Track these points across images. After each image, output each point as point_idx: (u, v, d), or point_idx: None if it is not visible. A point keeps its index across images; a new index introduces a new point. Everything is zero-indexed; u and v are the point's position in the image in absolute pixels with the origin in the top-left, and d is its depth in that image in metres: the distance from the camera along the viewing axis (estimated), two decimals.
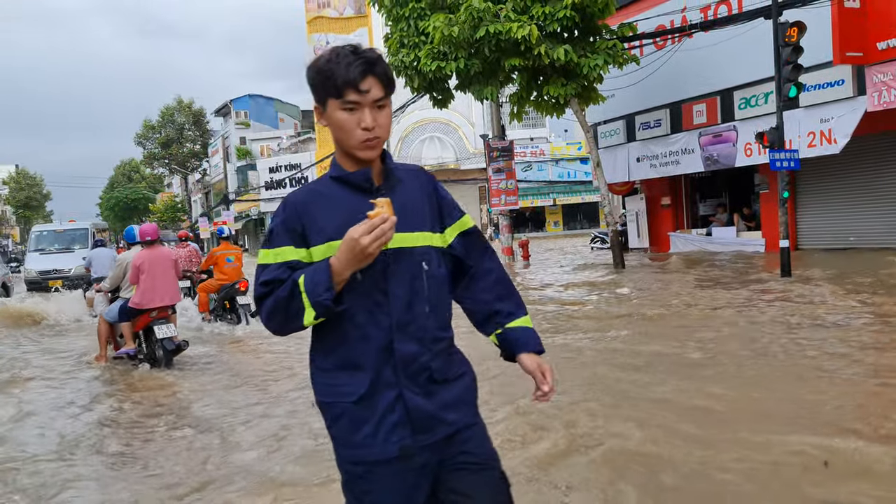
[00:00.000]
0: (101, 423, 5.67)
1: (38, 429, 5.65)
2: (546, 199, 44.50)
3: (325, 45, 45.55)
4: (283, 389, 6.45)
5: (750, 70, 15.40)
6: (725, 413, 4.74)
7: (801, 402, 4.85)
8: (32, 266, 22.52)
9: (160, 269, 7.79)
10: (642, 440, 4.22)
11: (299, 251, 1.79)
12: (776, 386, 5.35)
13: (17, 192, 77.61)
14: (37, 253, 23.36)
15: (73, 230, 24.99)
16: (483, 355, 3.50)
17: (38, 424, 5.78)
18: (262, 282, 1.80)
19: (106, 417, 5.87)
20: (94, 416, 5.91)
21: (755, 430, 4.23)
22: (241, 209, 55.84)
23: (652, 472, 3.75)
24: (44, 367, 8.38)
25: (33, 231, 26.39)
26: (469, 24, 14.29)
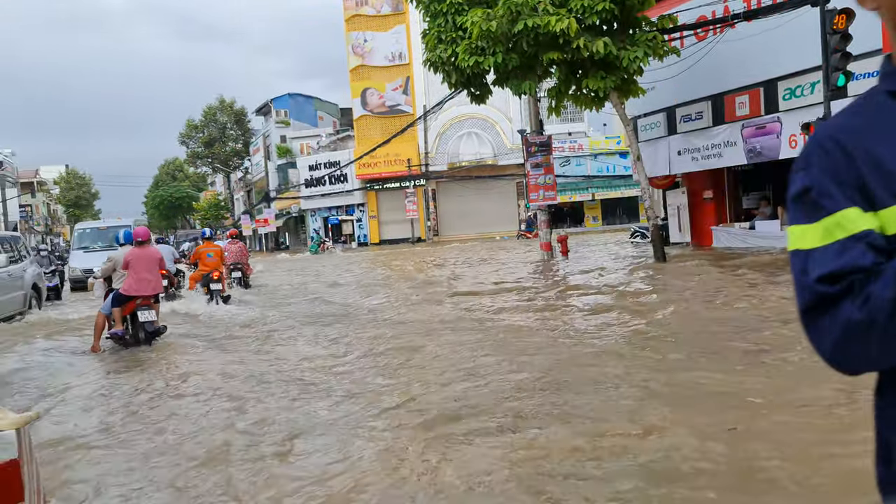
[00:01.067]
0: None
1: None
2: (585, 194, 44.14)
3: (362, 42, 45.90)
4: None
5: (795, 59, 15.03)
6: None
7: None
8: (76, 264, 22.36)
9: (146, 264, 9.32)
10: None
11: (867, 217, 1.06)
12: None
13: (68, 192, 79.92)
14: (80, 251, 23.19)
15: (116, 227, 24.50)
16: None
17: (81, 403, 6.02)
18: (819, 277, 1.06)
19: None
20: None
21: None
22: (282, 206, 56.55)
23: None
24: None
25: (76, 229, 26.34)
26: (507, 18, 14.24)
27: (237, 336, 10.05)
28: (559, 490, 3.60)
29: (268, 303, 14.37)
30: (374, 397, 5.83)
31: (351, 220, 49.33)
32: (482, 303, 11.42)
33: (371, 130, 45.57)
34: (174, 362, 8.15)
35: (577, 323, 8.94)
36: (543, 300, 11.50)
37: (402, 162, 44.79)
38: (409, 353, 7.72)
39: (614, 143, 43.35)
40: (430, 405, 5.40)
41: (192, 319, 11.89)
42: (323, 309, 12.51)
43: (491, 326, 9.00)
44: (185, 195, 79.81)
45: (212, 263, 14.03)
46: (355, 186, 47.63)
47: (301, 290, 16.99)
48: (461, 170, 44.84)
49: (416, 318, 10.40)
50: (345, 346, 8.51)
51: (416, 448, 4.43)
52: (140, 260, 9.30)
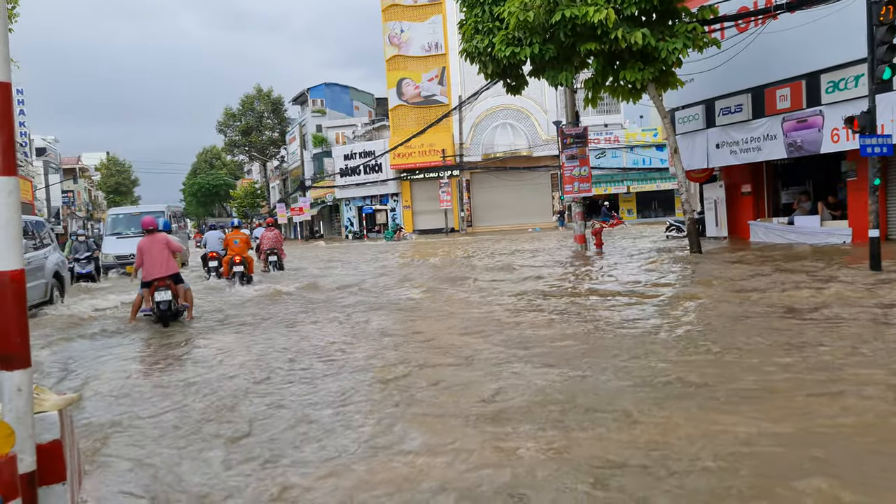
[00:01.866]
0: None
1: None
2: (620, 187, 43.76)
3: (399, 32, 45.97)
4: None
5: (839, 52, 14.73)
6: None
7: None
8: (109, 250, 21.84)
9: (156, 250, 10.35)
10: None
11: None
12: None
13: (108, 178, 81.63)
14: (113, 237, 22.62)
15: (150, 212, 23.33)
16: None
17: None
18: None
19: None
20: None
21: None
22: (317, 195, 57.05)
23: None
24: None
25: (109, 214, 25.79)
26: (545, 8, 14.19)
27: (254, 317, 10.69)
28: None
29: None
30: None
31: (385, 210, 49.63)
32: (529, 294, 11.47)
33: (406, 120, 45.70)
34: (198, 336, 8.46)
35: (622, 314, 8.93)
36: (583, 295, 11.50)
37: (436, 152, 44.86)
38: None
39: (651, 135, 42.85)
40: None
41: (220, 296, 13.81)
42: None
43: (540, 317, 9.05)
44: (222, 183, 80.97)
45: (237, 249, 16.06)
46: (390, 176, 47.86)
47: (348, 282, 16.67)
48: (496, 161, 44.74)
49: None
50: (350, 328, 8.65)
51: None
52: (150, 247, 10.37)
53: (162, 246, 10.45)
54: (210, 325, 10.14)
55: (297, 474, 3.97)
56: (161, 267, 10.35)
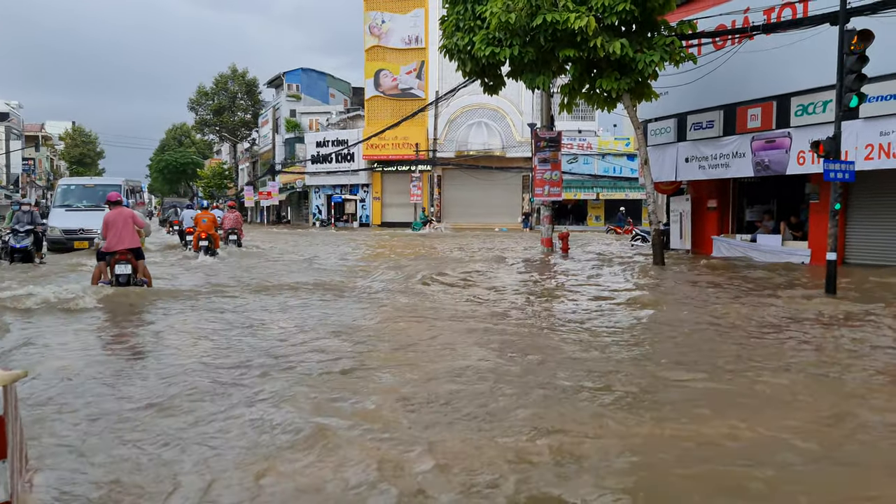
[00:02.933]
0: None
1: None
2: (589, 193, 44.18)
3: (380, 23, 45.72)
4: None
5: (810, 76, 15.03)
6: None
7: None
8: (57, 223, 19.80)
9: (121, 223, 10.62)
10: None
11: None
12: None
13: (73, 149, 79.68)
14: (62, 209, 20.68)
15: (105, 186, 21.93)
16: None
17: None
18: None
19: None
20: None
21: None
22: (287, 181, 56.54)
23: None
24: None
25: (60, 184, 23.29)
26: (527, 11, 14.23)
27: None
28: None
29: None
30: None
31: (354, 200, 49.40)
32: (484, 293, 11.51)
33: (382, 112, 45.52)
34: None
35: (568, 317, 9.00)
36: (540, 295, 11.58)
37: (410, 146, 44.78)
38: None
39: (623, 144, 43.32)
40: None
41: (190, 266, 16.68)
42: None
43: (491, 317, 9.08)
44: (190, 161, 79.65)
45: (204, 227, 18.78)
46: (361, 166, 47.64)
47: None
48: (468, 158, 44.82)
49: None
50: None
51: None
52: (115, 220, 10.66)
53: (127, 220, 10.74)
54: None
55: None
56: (125, 241, 10.64)
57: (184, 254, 19.74)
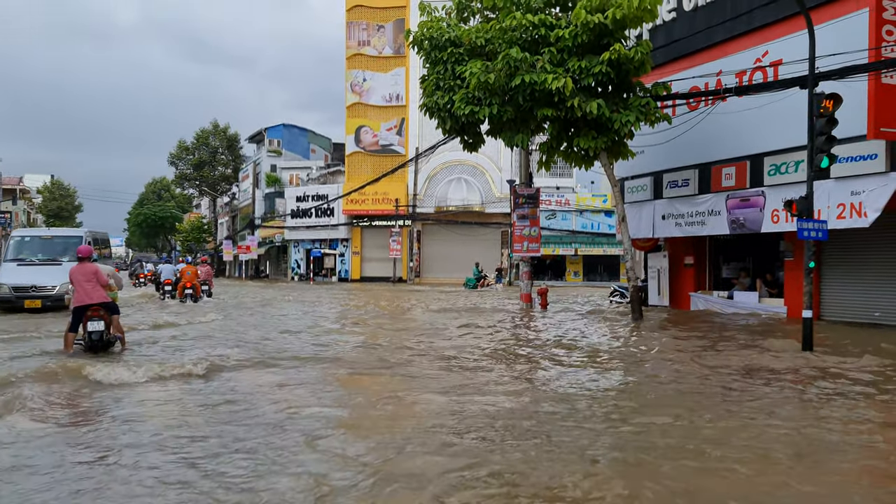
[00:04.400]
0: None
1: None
2: (568, 249, 44.48)
3: (361, 81, 46.47)
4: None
5: (782, 137, 15.41)
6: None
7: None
8: (5, 279, 17.76)
9: (84, 278, 10.50)
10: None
11: None
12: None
13: (50, 202, 79.12)
14: (13, 263, 18.68)
15: (65, 237, 20.13)
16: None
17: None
18: None
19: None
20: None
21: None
22: (266, 235, 56.40)
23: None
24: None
25: (13, 235, 20.83)
26: (505, 72, 14.52)
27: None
28: None
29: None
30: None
31: (334, 255, 49.29)
32: (466, 345, 11.39)
33: (362, 167, 45.88)
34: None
35: (549, 376, 8.91)
36: (521, 352, 11.48)
37: (390, 201, 45.01)
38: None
39: (601, 200, 43.90)
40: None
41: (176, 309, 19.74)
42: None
43: (465, 371, 8.96)
44: (169, 215, 79.39)
45: (188, 278, 23.32)
46: (341, 221, 47.72)
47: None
48: (448, 214, 45.10)
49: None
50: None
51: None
52: (79, 275, 10.56)
53: (90, 275, 10.62)
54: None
55: None
56: (93, 296, 10.52)
57: (161, 303, 22.87)
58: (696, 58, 17.87)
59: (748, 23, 16.45)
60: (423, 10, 17.41)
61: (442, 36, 16.44)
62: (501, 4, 15.74)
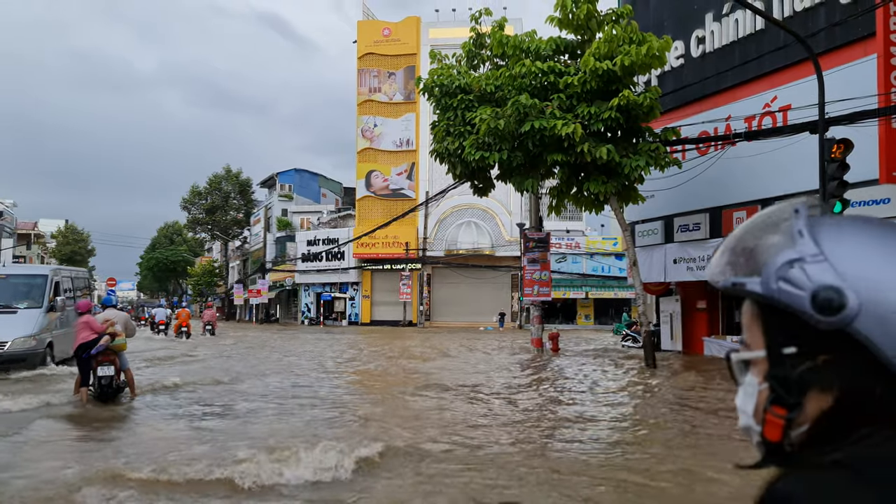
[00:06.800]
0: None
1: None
2: (578, 292, 44.24)
3: (372, 126, 47.07)
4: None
5: (793, 181, 15.37)
6: None
7: None
8: None
9: (79, 328, 10.72)
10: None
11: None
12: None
13: (64, 246, 79.81)
14: None
15: (23, 277, 15.70)
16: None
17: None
18: None
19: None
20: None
21: None
22: (276, 279, 56.51)
23: None
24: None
25: None
26: (515, 118, 14.64)
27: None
28: None
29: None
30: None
31: (344, 298, 49.24)
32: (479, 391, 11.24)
33: (372, 211, 46.13)
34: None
35: (563, 427, 8.75)
36: (533, 401, 11.31)
37: (400, 244, 45.12)
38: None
39: (611, 244, 43.81)
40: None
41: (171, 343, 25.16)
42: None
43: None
44: (181, 259, 79.83)
45: (183, 320, 29.25)
46: (351, 265, 47.79)
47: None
48: (458, 257, 45.09)
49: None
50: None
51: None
52: (77, 327, 10.87)
53: (83, 325, 10.76)
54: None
55: None
56: (80, 339, 10.63)
57: (156, 339, 28.14)
58: (705, 103, 17.99)
59: (757, 68, 16.59)
60: (434, 58, 17.70)
61: (452, 83, 16.65)
62: (511, 52, 15.96)
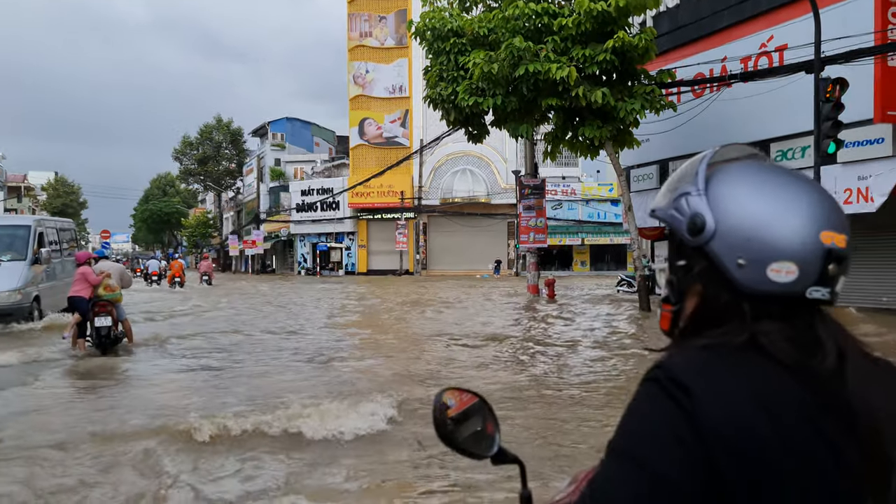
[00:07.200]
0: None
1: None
2: (574, 239, 44.37)
3: (364, 73, 46.38)
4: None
5: (788, 123, 15.31)
6: None
7: None
8: None
9: (76, 278, 10.82)
10: None
11: None
12: None
13: (55, 199, 79.31)
14: None
15: (4, 229, 14.90)
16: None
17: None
18: None
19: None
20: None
21: None
22: (271, 230, 56.45)
23: None
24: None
25: None
26: (509, 62, 14.46)
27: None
28: None
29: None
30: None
31: (340, 248, 49.31)
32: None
33: (366, 160, 45.82)
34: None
35: (557, 366, 8.92)
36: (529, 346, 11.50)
37: (395, 193, 44.96)
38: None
39: (607, 190, 43.76)
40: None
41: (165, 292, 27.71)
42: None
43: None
44: (175, 211, 79.53)
45: (176, 270, 30.80)
46: (347, 215, 47.70)
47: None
48: (453, 205, 45.03)
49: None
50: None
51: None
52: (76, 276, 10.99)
53: (80, 277, 10.85)
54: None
55: None
56: (76, 291, 10.74)
57: (150, 288, 30.19)
58: (701, 44, 17.75)
59: (753, 7, 16.34)
60: (425, 1, 17.35)
61: (444, 26, 16.38)
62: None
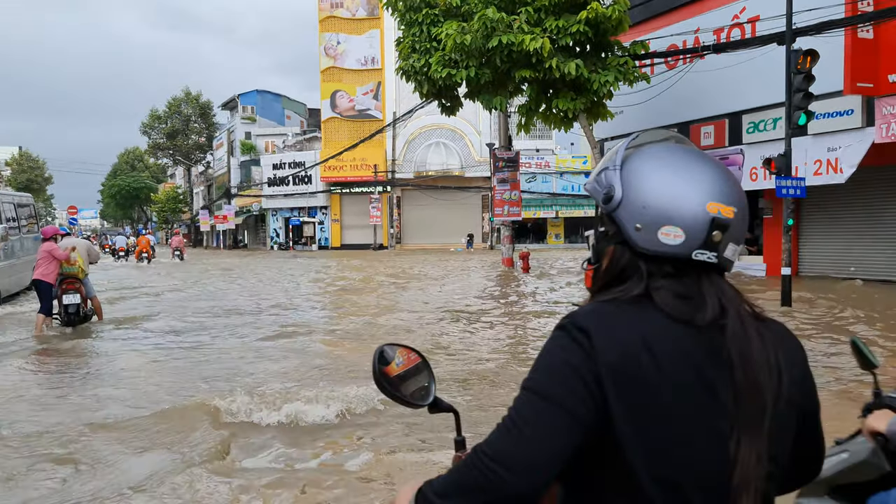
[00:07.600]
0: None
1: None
2: (549, 211, 44.50)
3: (335, 44, 45.67)
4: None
5: (760, 95, 15.40)
6: None
7: None
8: None
9: (41, 256, 10.46)
10: None
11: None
12: None
13: (19, 174, 77.43)
14: None
15: None
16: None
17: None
18: None
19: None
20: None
21: None
22: (243, 204, 55.81)
23: None
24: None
25: None
26: (482, 33, 14.30)
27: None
28: None
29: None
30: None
31: (313, 223, 48.93)
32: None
33: (339, 133, 45.32)
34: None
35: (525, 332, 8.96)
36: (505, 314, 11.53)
37: (368, 167, 44.61)
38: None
39: (581, 162, 43.83)
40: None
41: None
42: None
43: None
44: (144, 186, 78.20)
45: (143, 246, 30.29)
46: (319, 189, 47.27)
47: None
48: (427, 179, 44.84)
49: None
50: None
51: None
52: (41, 253, 10.57)
53: (45, 255, 10.47)
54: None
55: None
56: (42, 274, 10.35)
57: (117, 263, 30.57)
58: (674, 15, 17.74)
59: None
60: None
61: None
62: None
